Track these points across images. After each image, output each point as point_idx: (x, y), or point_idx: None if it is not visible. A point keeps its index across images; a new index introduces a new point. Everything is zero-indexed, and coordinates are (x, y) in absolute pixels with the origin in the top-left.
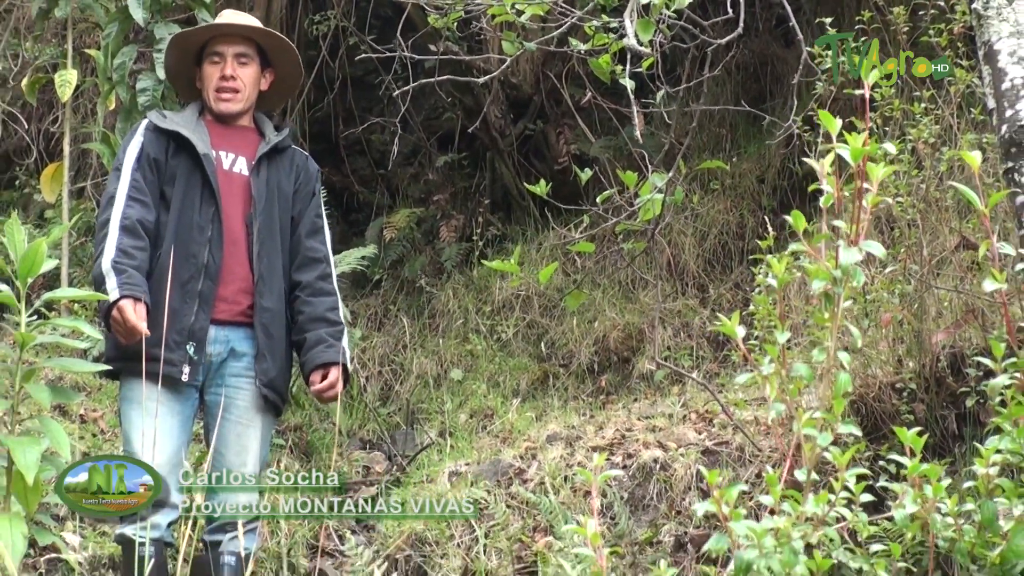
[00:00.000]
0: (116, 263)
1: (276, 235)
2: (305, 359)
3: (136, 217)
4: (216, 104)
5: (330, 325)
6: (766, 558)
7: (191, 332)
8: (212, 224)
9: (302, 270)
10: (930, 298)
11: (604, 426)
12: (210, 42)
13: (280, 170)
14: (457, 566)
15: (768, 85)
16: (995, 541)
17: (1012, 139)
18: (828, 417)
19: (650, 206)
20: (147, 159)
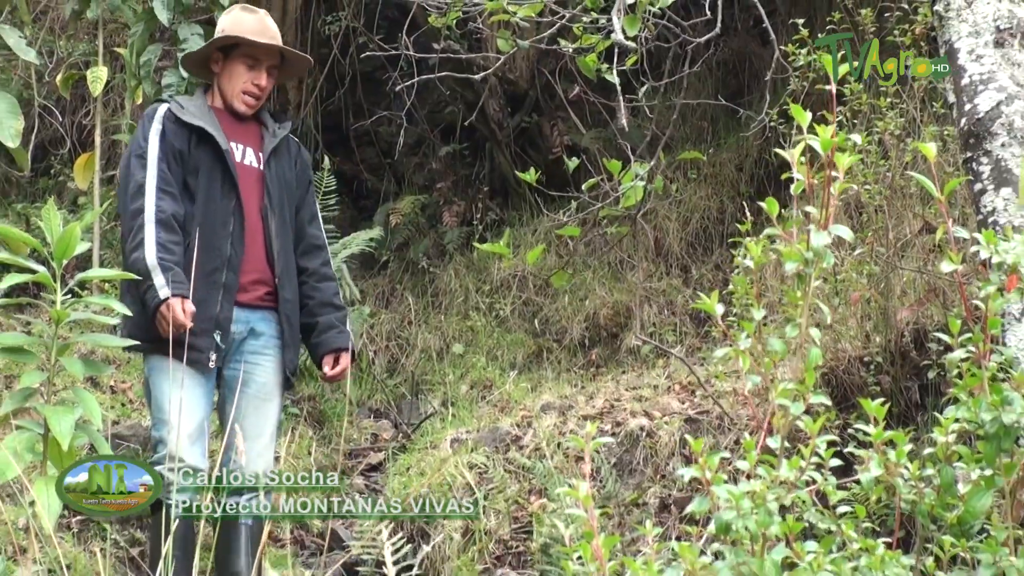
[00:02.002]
0: (161, 259)
1: (288, 226)
2: (318, 342)
3: (170, 211)
4: (239, 104)
5: (337, 310)
6: (743, 519)
7: (217, 321)
8: (234, 217)
9: (306, 257)
10: (895, 278)
11: (594, 396)
12: (247, 45)
13: (283, 161)
14: (458, 526)
15: (745, 81)
16: (954, 503)
17: (971, 131)
18: (800, 388)
19: (633, 193)
20: (172, 150)
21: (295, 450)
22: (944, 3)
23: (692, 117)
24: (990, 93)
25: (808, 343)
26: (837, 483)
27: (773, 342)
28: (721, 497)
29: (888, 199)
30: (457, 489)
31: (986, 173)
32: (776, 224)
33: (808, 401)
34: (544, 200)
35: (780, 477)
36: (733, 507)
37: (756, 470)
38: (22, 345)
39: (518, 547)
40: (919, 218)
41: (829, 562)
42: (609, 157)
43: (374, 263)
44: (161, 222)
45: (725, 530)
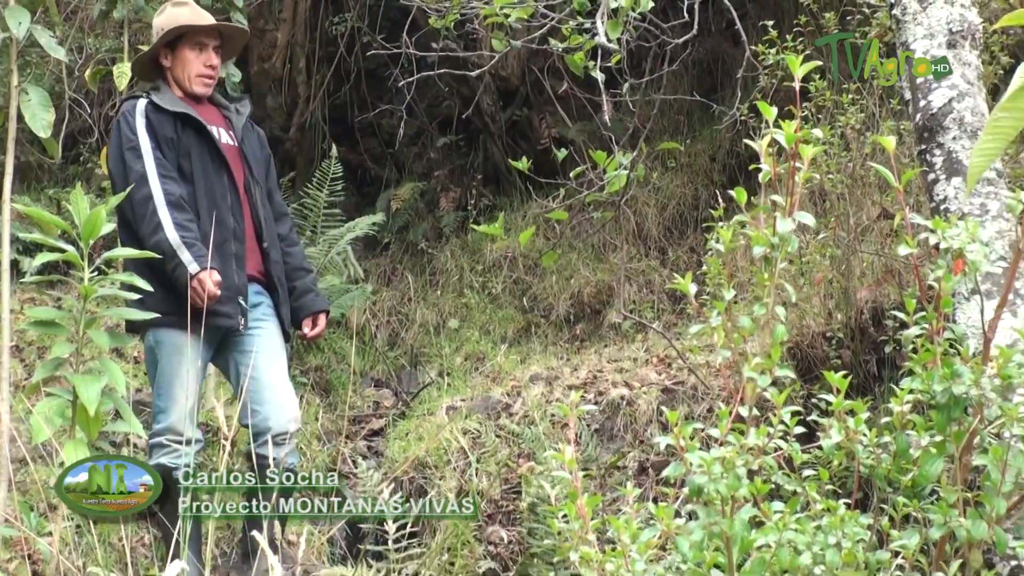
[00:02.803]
0: (183, 238)
1: (265, 196)
2: (297, 306)
3: (177, 193)
4: (198, 87)
5: (307, 273)
6: (714, 483)
7: (237, 288)
8: (230, 191)
9: (277, 223)
10: (855, 261)
11: (578, 368)
12: (191, 33)
13: (251, 137)
14: (453, 486)
15: (718, 78)
16: (908, 468)
17: (925, 125)
18: (767, 362)
19: (616, 180)
20: (161, 138)
21: (304, 416)
22: (901, 7)
23: (670, 111)
24: (943, 90)
25: (774, 320)
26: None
27: (742, 319)
28: (694, 463)
29: (849, 188)
30: (452, 453)
31: (939, 164)
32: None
33: (775, 374)
34: (533, 187)
35: (749, 444)
36: (705, 472)
37: (727, 437)
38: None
39: (508, 506)
40: (877, 205)
41: (794, 521)
42: (594, 148)
43: (377, 245)
44: (172, 204)
45: (698, 493)
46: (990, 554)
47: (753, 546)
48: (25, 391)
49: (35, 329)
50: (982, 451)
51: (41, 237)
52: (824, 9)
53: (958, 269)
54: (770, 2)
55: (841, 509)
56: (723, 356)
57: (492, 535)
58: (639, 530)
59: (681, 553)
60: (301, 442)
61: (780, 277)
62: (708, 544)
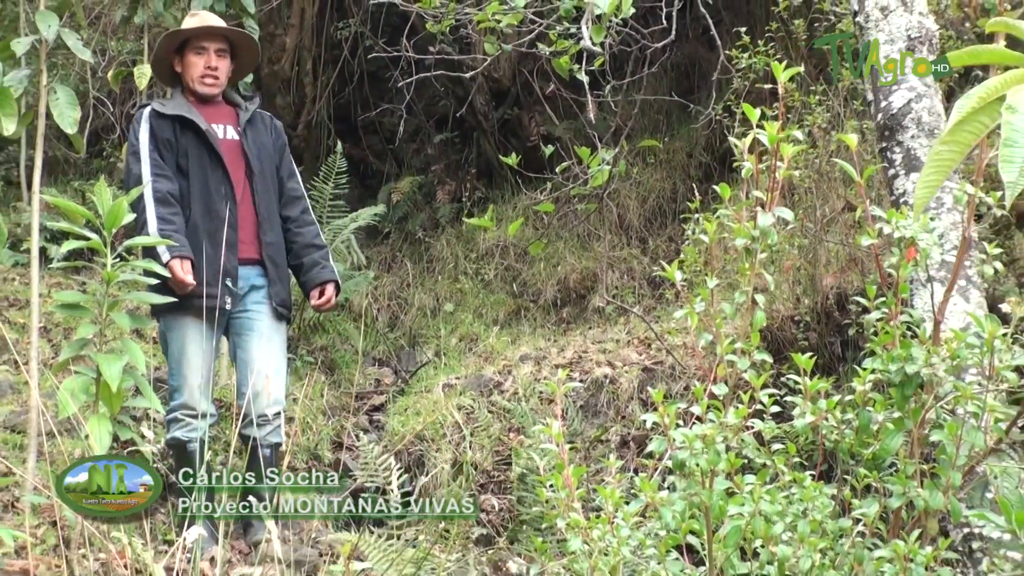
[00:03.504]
0: (161, 230)
1: (269, 183)
2: (305, 279)
3: (165, 190)
4: (201, 87)
5: (318, 249)
6: (695, 457)
7: (225, 271)
8: (224, 184)
9: (288, 207)
10: (821, 250)
11: (565, 348)
12: (194, 38)
13: (259, 131)
14: (448, 458)
15: (695, 81)
16: (869, 442)
17: (886, 124)
18: (746, 346)
19: (599, 175)
20: (160, 141)
21: (311, 393)
22: (864, 15)
23: (649, 111)
24: (902, 92)
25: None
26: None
27: (724, 306)
28: (677, 439)
29: (816, 182)
30: (448, 427)
31: (898, 160)
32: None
33: (753, 358)
34: (523, 181)
35: (728, 422)
36: (687, 447)
37: (707, 415)
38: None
39: (499, 476)
40: (842, 199)
41: (765, 492)
42: (579, 145)
43: (378, 234)
44: (159, 200)
45: (680, 466)
46: (945, 522)
47: (727, 515)
48: (53, 369)
49: (62, 311)
50: (937, 426)
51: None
52: (793, 16)
53: (910, 257)
54: (743, 10)
55: (807, 481)
56: (705, 339)
57: (484, 503)
58: (622, 499)
59: (664, 522)
60: (307, 416)
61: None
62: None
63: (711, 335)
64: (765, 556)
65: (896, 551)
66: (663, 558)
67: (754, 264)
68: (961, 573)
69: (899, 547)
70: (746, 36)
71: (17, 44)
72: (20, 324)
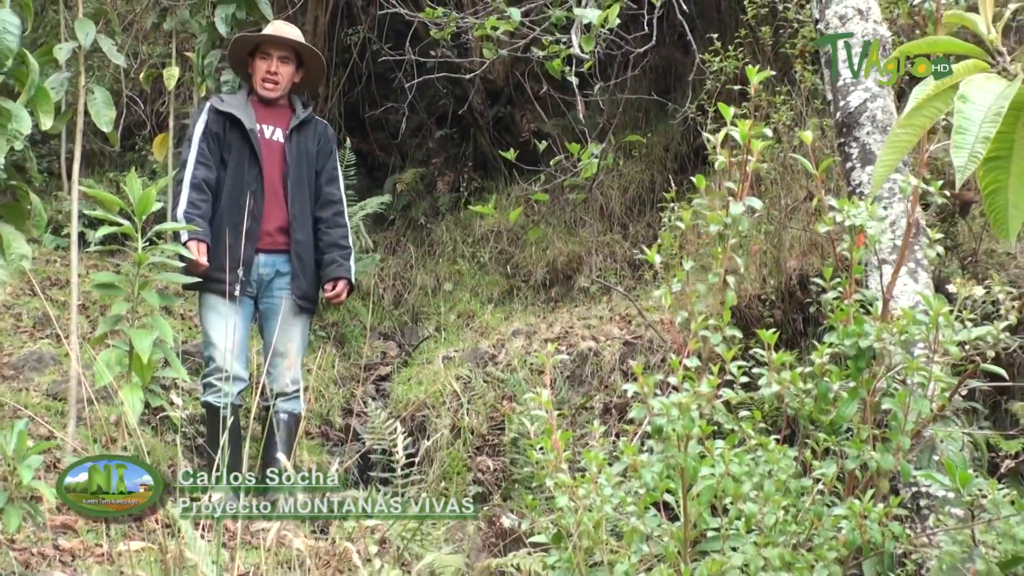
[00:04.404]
0: (187, 213)
1: (304, 186)
2: (323, 273)
3: (202, 177)
4: (261, 90)
5: (340, 249)
6: (672, 424)
7: (241, 261)
8: (256, 181)
9: (322, 209)
10: (785, 235)
11: (553, 324)
12: (262, 44)
13: (307, 137)
14: (448, 423)
15: (672, 82)
16: (827, 409)
17: (843, 122)
18: (719, 323)
19: (588, 167)
20: (210, 133)
21: (324, 364)
22: (824, 22)
23: (631, 109)
24: (859, 93)
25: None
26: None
27: (699, 286)
28: (655, 407)
29: (780, 174)
30: (447, 395)
31: (855, 154)
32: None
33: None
34: (517, 172)
35: (702, 392)
36: (664, 414)
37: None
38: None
39: (493, 440)
40: (804, 189)
41: (734, 456)
42: (568, 140)
43: (384, 220)
44: (194, 186)
45: (659, 432)
46: (895, 481)
47: (700, 476)
48: (90, 342)
49: (98, 290)
50: (888, 395)
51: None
52: (760, 24)
53: (860, 243)
54: (715, 18)
55: (772, 444)
56: (681, 316)
57: (480, 464)
58: (605, 461)
59: (645, 483)
60: (320, 386)
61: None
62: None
63: (687, 312)
64: (734, 512)
65: (852, 508)
66: (642, 514)
67: (726, 248)
68: (910, 528)
69: (855, 505)
70: (718, 42)
71: (58, 50)
72: (61, 302)
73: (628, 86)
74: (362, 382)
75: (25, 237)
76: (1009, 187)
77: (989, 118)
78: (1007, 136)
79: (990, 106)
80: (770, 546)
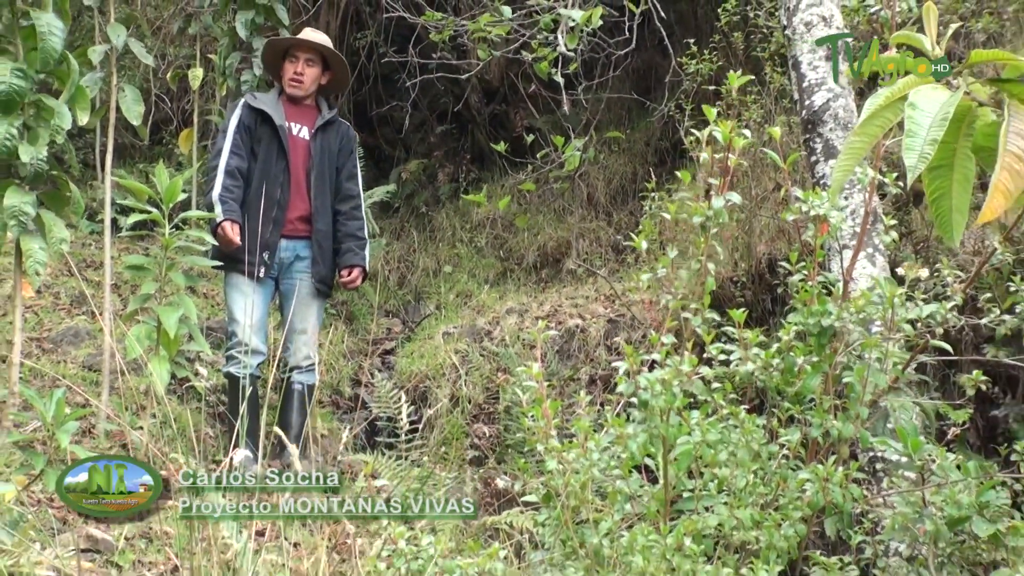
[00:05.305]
0: (222, 196)
1: (326, 180)
2: (340, 260)
3: (235, 165)
4: (288, 89)
5: (356, 240)
6: (655, 398)
7: (266, 244)
8: (283, 173)
9: (341, 203)
10: (756, 222)
11: (543, 303)
12: (291, 48)
13: (330, 136)
14: (447, 393)
15: (651, 82)
16: (792, 381)
17: (809, 119)
18: (700, 306)
19: (573, 160)
20: (243, 126)
21: (334, 339)
22: (791, 28)
23: (614, 107)
24: (823, 92)
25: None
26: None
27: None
28: (642, 383)
29: (751, 166)
30: (446, 367)
31: (819, 149)
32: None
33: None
34: (509, 164)
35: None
36: (648, 389)
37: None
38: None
39: (489, 408)
40: (772, 180)
41: (708, 425)
42: (555, 135)
43: (389, 208)
44: (227, 172)
45: (644, 405)
46: (854, 447)
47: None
48: (122, 319)
49: (129, 271)
50: (848, 369)
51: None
52: (733, 30)
53: (823, 231)
54: (692, 24)
55: (742, 414)
56: (665, 299)
57: (477, 431)
58: (591, 427)
59: (630, 451)
60: (331, 359)
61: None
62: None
63: (669, 295)
64: (708, 476)
65: (816, 472)
66: (626, 476)
67: (707, 238)
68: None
69: (818, 469)
70: (694, 46)
71: (93, 52)
72: (95, 282)
73: (611, 86)
74: (369, 355)
75: (64, 223)
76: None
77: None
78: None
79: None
80: (741, 506)
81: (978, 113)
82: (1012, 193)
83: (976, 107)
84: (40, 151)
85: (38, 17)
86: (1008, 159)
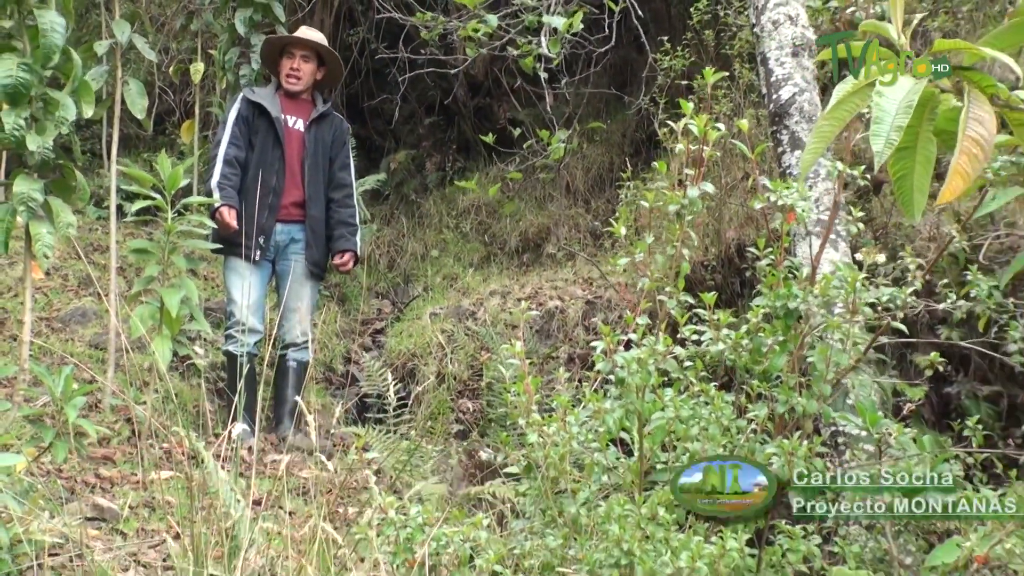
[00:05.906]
0: (220, 183)
1: (320, 169)
2: (332, 246)
3: (233, 154)
4: (285, 84)
5: (348, 226)
6: (632, 376)
7: (262, 228)
8: (279, 161)
9: (334, 191)
10: (725, 209)
11: (525, 285)
12: (288, 45)
13: (324, 128)
14: (434, 371)
15: (628, 77)
16: (760, 360)
17: (776, 112)
18: (673, 290)
19: (555, 151)
20: (242, 119)
21: (327, 319)
22: (759, 27)
23: (593, 101)
24: (789, 87)
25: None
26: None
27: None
28: (619, 362)
29: (721, 156)
30: (433, 346)
31: (786, 141)
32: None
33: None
34: (495, 154)
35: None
36: (625, 368)
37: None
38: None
39: (473, 385)
40: (741, 170)
41: (680, 401)
42: (539, 127)
43: (380, 196)
44: (226, 161)
45: (621, 383)
46: (818, 423)
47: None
48: (127, 300)
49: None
50: (812, 348)
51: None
52: (705, 28)
53: (791, 220)
54: (666, 22)
55: (713, 391)
56: (642, 283)
57: (461, 406)
58: (570, 403)
59: (607, 426)
60: (324, 338)
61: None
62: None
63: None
64: (680, 449)
65: (782, 447)
66: (603, 449)
67: (683, 226)
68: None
69: (784, 443)
70: (668, 43)
71: (98, 46)
72: (102, 264)
73: (591, 81)
74: (360, 335)
75: (71, 209)
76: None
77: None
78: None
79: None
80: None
81: (940, 99)
82: (970, 175)
83: (939, 93)
84: (47, 141)
85: (41, 15)
86: (967, 143)
